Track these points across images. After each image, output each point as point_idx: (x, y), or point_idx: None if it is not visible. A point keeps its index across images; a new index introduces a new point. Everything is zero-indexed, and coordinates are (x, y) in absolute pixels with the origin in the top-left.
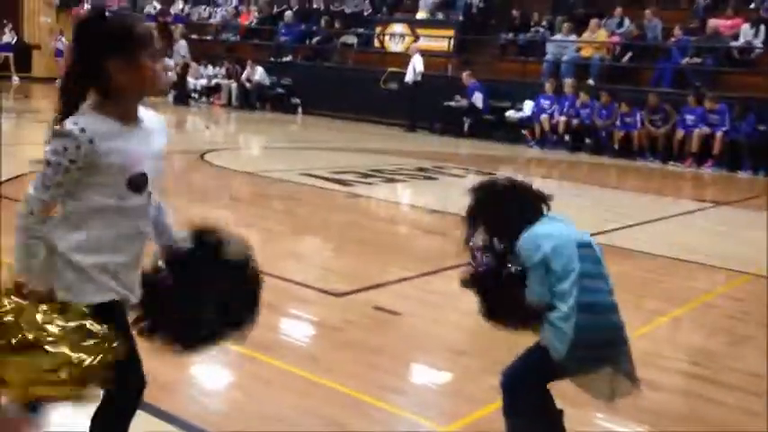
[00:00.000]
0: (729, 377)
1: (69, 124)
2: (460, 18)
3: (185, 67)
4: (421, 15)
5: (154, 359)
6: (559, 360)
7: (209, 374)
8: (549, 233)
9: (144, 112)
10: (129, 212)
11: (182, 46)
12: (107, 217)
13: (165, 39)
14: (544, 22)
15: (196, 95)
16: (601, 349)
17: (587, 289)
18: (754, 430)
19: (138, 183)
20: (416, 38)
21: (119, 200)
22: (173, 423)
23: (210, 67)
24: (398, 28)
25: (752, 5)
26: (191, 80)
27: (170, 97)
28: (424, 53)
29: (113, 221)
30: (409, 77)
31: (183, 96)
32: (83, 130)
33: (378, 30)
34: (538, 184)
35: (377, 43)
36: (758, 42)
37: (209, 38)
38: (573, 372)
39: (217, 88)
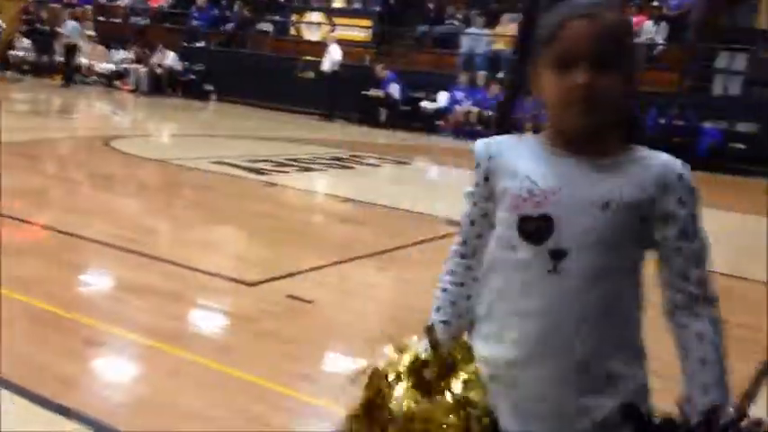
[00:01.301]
0: None
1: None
2: (378, 9)
3: (71, 48)
4: (338, 4)
5: (51, 351)
6: None
7: (112, 367)
8: None
9: (651, 157)
10: (520, 272)
11: (68, 26)
12: (499, 276)
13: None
14: (459, 16)
15: (104, 80)
16: None
17: None
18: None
19: (530, 227)
20: (333, 27)
21: (510, 250)
22: (75, 419)
23: (122, 51)
24: (315, 16)
25: (655, 3)
26: (99, 64)
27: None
28: (342, 42)
29: (505, 284)
30: (326, 66)
31: (69, 78)
32: (487, 144)
33: (294, 17)
34: (452, 173)
35: (293, 31)
36: (660, 39)
37: (118, 21)
38: None
39: (125, 73)
